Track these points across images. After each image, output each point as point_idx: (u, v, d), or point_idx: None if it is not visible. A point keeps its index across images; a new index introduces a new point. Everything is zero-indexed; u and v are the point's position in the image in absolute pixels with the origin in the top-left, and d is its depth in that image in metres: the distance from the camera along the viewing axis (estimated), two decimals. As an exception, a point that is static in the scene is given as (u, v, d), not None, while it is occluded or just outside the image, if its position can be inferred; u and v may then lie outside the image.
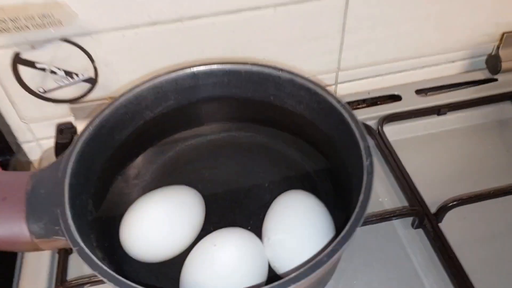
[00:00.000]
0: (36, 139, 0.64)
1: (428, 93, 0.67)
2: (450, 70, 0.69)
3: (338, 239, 0.33)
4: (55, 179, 0.39)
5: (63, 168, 0.40)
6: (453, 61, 0.69)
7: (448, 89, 0.67)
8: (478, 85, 0.67)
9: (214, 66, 0.48)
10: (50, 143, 0.62)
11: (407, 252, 0.51)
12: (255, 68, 0.47)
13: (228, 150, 0.51)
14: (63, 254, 0.51)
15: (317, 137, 0.48)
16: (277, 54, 0.60)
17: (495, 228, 0.52)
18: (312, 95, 0.45)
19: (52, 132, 0.62)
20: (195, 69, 0.48)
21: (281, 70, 0.46)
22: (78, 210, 0.39)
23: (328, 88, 0.45)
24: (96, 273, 0.33)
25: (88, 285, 0.48)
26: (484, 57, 0.69)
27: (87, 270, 0.49)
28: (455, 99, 0.64)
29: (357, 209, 0.35)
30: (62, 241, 0.37)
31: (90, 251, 0.35)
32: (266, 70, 0.47)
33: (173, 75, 0.48)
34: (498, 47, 0.66)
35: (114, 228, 0.43)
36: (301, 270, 0.32)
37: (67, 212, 0.37)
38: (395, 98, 0.66)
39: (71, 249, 0.51)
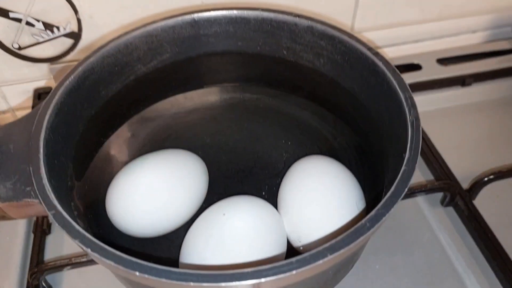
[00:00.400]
0: (12, 110, 0.56)
1: (449, 64, 0.61)
2: (473, 40, 0.64)
3: (383, 201, 0.27)
4: (27, 134, 0.33)
5: (39, 120, 0.33)
6: (474, 31, 0.63)
7: (472, 60, 0.61)
8: (504, 55, 0.61)
9: (218, 12, 0.41)
10: (28, 113, 0.55)
11: (435, 233, 0.44)
12: (266, 15, 0.41)
13: (233, 114, 0.44)
14: (40, 234, 0.44)
15: (338, 97, 0.41)
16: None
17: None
18: (336, 45, 0.39)
19: (29, 101, 0.55)
20: (196, 15, 0.41)
21: (298, 15, 0.40)
22: (55, 173, 0.32)
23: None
24: (77, 243, 0.26)
25: (69, 267, 0.40)
26: (509, 28, 0.63)
27: (67, 250, 0.43)
28: (480, 69, 0.58)
29: (403, 168, 0.28)
30: (34, 207, 0.30)
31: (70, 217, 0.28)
32: (280, 17, 0.40)
33: (171, 21, 0.41)
34: (528, 13, 0.60)
35: (99, 197, 0.36)
36: (340, 238, 0.25)
37: (42, 170, 0.30)
38: (414, 68, 0.60)
39: (48, 228, 0.44)
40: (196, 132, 0.43)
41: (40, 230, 0.44)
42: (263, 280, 0.24)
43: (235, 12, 0.41)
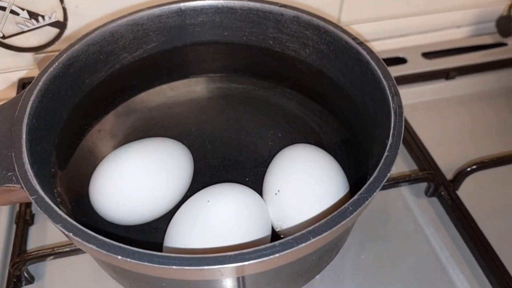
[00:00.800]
0: (-5, 101, 0.55)
1: (434, 58, 0.61)
2: (457, 35, 0.64)
3: (365, 186, 0.27)
4: (10, 120, 0.32)
5: (22, 106, 0.33)
6: (459, 26, 0.64)
7: (456, 54, 0.61)
8: (487, 49, 0.62)
9: (205, 2, 0.41)
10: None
11: (419, 223, 0.45)
12: (252, 4, 0.41)
13: (219, 104, 0.44)
14: (22, 224, 0.43)
15: (323, 86, 0.42)
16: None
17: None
18: (322, 35, 0.39)
19: (13, 91, 0.54)
20: (182, 4, 0.41)
21: (284, 6, 0.40)
22: (38, 159, 0.32)
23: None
24: (59, 227, 0.26)
25: (52, 257, 0.40)
26: (492, 23, 0.64)
27: (50, 241, 0.42)
28: (464, 63, 0.59)
29: (386, 153, 0.29)
30: (16, 192, 0.30)
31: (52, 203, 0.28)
32: (266, 7, 0.40)
33: (157, 10, 0.41)
34: (510, 7, 0.60)
35: (83, 185, 0.36)
36: (323, 221, 0.25)
37: (24, 155, 0.30)
38: (400, 61, 0.60)
39: (31, 219, 0.44)
40: (181, 122, 0.43)
41: (23, 220, 0.43)
42: (246, 263, 0.24)
43: (221, 1, 0.41)
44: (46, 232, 0.43)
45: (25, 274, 0.39)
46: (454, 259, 0.42)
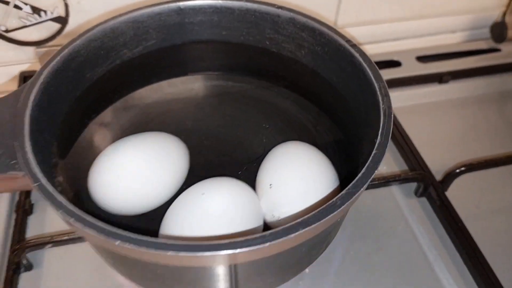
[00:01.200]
0: (-4, 92, 0.56)
1: (428, 62, 0.62)
2: (451, 40, 0.66)
3: (353, 182, 0.28)
4: (13, 110, 0.33)
5: (25, 98, 0.34)
6: (453, 31, 0.65)
7: (450, 58, 0.62)
8: (481, 54, 0.63)
9: (203, 1, 0.42)
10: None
11: (409, 222, 0.46)
12: (250, 5, 0.42)
13: (215, 101, 0.45)
14: (22, 213, 0.44)
15: (317, 87, 0.43)
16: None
17: (503, 197, 0.48)
18: (317, 36, 0.40)
19: (13, 84, 0.55)
20: (181, 3, 0.42)
21: (281, 7, 0.41)
22: (40, 149, 0.33)
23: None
24: (60, 213, 0.27)
25: (50, 245, 0.41)
26: (487, 28, 0.65)
27: (48, 229, 0.43)
28: (457, 67, 0.60)
29: (374, 151, 0.30)
30: (18, 180, 0.31)
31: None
32: (263, 8, 0.42)
33: (157, 9, 0.42)
34: (504, 14, 0.62)
35: (82, 176, 0.37)
36: (312, 214, 0.26)
37: (27, 144, 0.31)
38: (394, 64, 0.61)
39: (30, 208, 0.45)
40: (179, 118, 0.44)
41: (22, 210, 0.44)
42: (237, 251, 0.25)
43: (220, 1, 0.42)
44: (44, 221, 0.44)
45: (24, 262, 0.40)
46: (441, 258, 0.43)
